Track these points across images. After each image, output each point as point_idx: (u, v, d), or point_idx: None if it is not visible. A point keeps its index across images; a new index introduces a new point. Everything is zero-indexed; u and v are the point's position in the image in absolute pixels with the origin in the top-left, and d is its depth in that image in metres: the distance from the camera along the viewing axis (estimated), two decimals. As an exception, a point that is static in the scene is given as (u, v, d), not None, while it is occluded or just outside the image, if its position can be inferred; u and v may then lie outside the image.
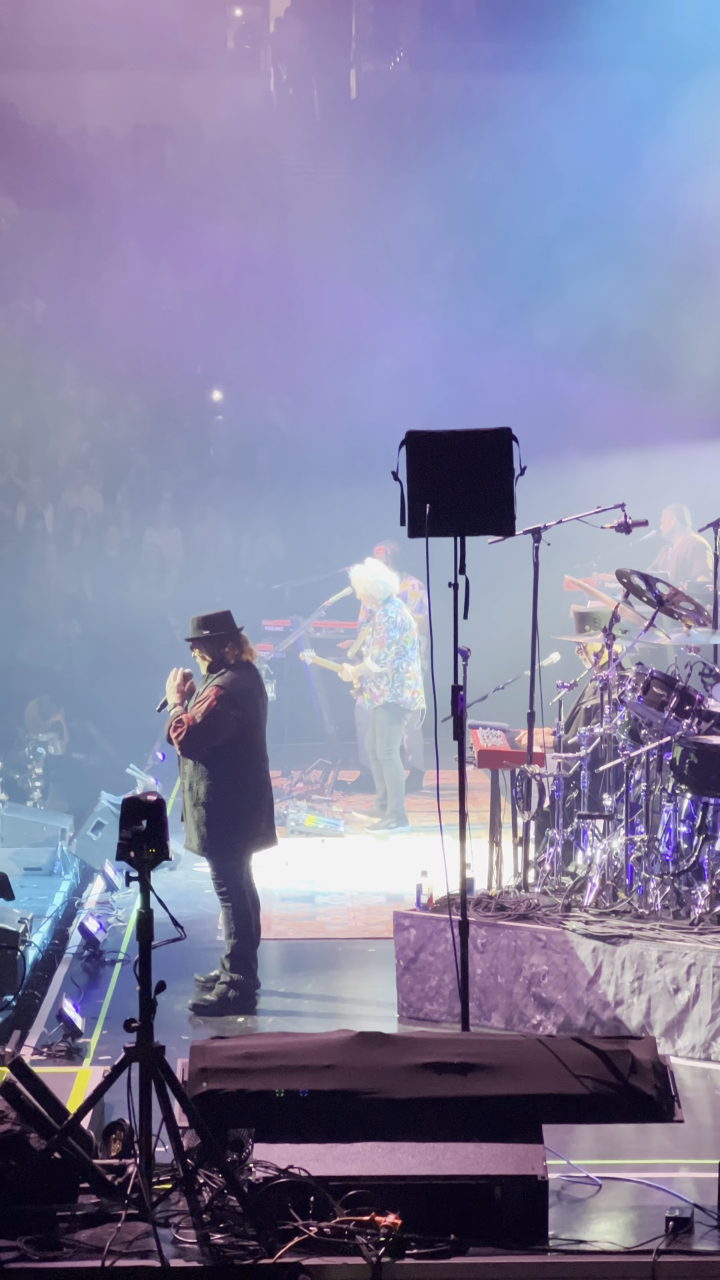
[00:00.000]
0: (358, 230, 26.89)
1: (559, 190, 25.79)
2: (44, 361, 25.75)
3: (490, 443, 9.96)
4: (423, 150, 27.88)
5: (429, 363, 24.29)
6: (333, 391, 24.72)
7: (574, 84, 26.77)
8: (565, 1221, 7.99)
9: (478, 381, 23.12)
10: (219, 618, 12.26)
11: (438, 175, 26.96)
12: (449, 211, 26.38)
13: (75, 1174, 7.99)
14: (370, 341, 25.09)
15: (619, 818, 11.96)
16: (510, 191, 26.18)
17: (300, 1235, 7.59)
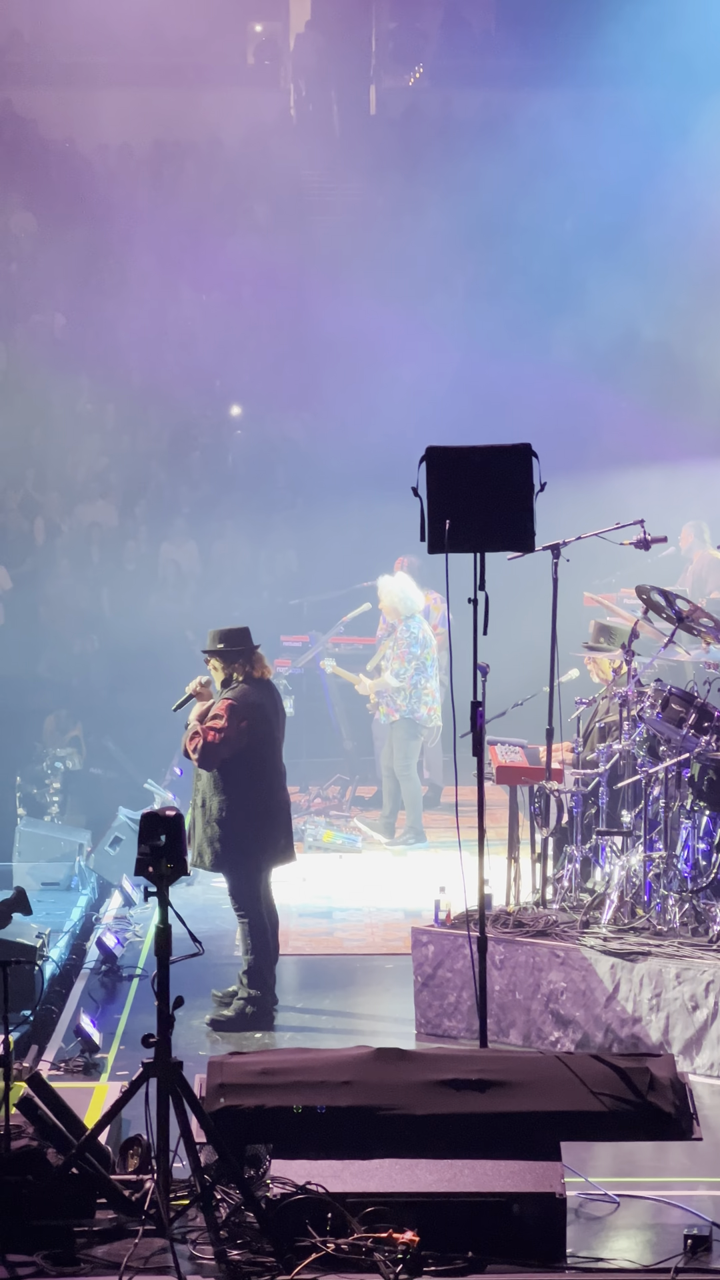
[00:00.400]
0: (376, 245, 26.91)
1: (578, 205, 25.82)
2: (62, 376, 25.78)
3: (510, 459, 9.96)
4: (442, 165, 27.89)
5: (447, 378, 24.29)
6: (351, 407, 24.73)
7: (593, 99, 26.79)
8: (583, 1239, 7.97)
9: (497, 397, 23.11)
10: (236, 633, 12.27)
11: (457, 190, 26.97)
12: (468, 226, 26.38)
13: (93, 1189, 7.99)
14: (389, 356, 25.09)
15: (637, 834, 11.93)
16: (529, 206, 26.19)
17: (318, 1252, 7.59)
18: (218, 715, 11.97)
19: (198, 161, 29.02)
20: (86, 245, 26.92)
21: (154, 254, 26.89)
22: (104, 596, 23.32)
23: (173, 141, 29.19)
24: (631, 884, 11.82)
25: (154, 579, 23.63)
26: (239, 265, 26.95)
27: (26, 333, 26.41)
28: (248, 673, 12.19)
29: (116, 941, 13.55)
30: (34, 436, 24.93)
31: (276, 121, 30.30)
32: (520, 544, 10.11)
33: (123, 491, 24.84)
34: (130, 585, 23.37)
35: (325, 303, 25.83)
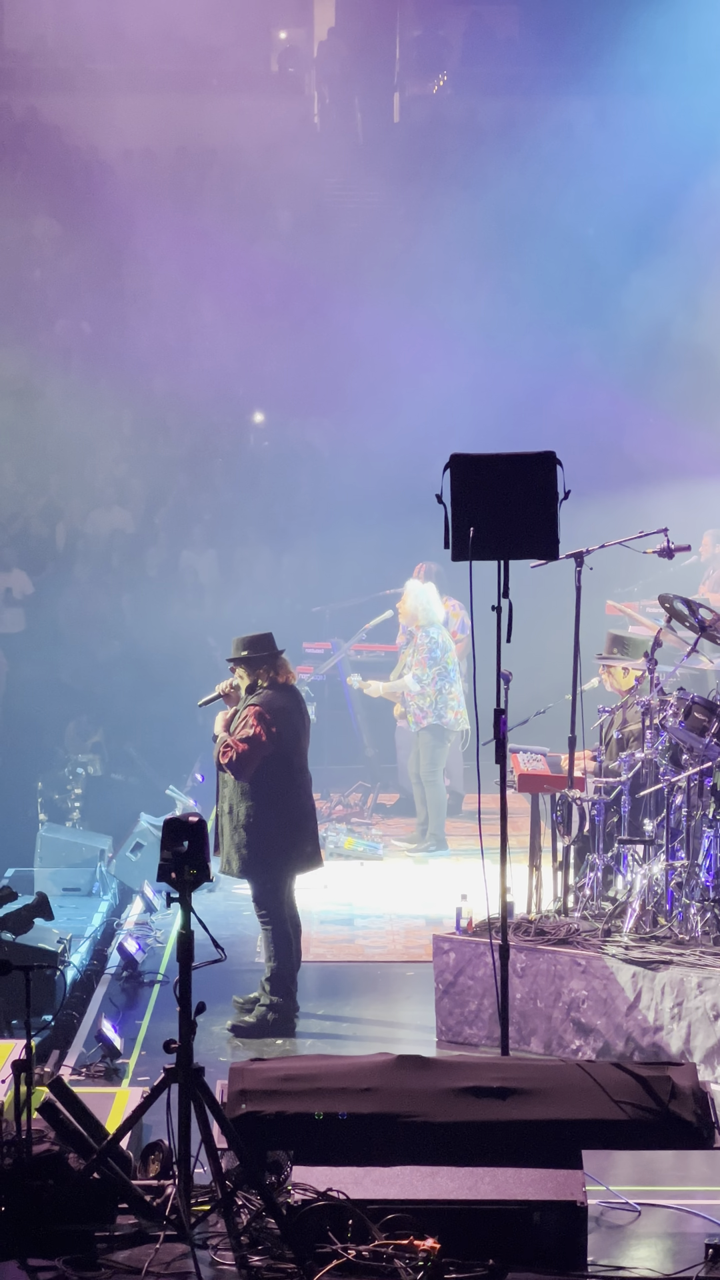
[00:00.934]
0: (399, 252, 26.92)
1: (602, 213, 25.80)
2: (84, 382, 25.82)
3: (534, 466, 9.96)
4: (465, 172, 27.89)
5: (470, 385, 24.28)
6: (373, 413, 24.73)
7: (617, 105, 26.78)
8: (604, 1247, 7.96)
9: (520, 404, 23.10)
10: (260, 639, 12.30)
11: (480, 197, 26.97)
12: (490, 233, 26.38)
13: (114, 1194, 7.99)
14: (411, 363, 25.09)
15: (659, 843, 11.92)
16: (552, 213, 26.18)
17: (338, 1258, 7.58)
18: (247, 724, 11.98)
19: (220, 168, 29.05)
20: (109, 252, 26.95)
21: (176, 260, 26.92)
22: (125, 603, 23.34)
23: (196, 148, 29.21)
24: (653, 893, 11.81)
25: (175, 586, 23.65)
26: (261, 272, 26.97)
27: (50, 339, 26.44)
28: (272, 678, 12.21)
29: (138, 947, 13.56)
30: (56, 442, 24.95)
31: (299, 128, 30.32)
32: (544, 552, 10.11)
33: (144, 498, 24.86)
34: (151, 592, 23.39)
35: (347, 309, 25.84)
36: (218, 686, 12.53)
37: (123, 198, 27.77)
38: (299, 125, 30.36)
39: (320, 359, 26.14)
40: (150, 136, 29.02)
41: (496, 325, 25.15)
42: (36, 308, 26.82)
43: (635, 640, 13.91)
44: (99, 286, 26.91)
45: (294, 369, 26.07)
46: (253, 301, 26.86)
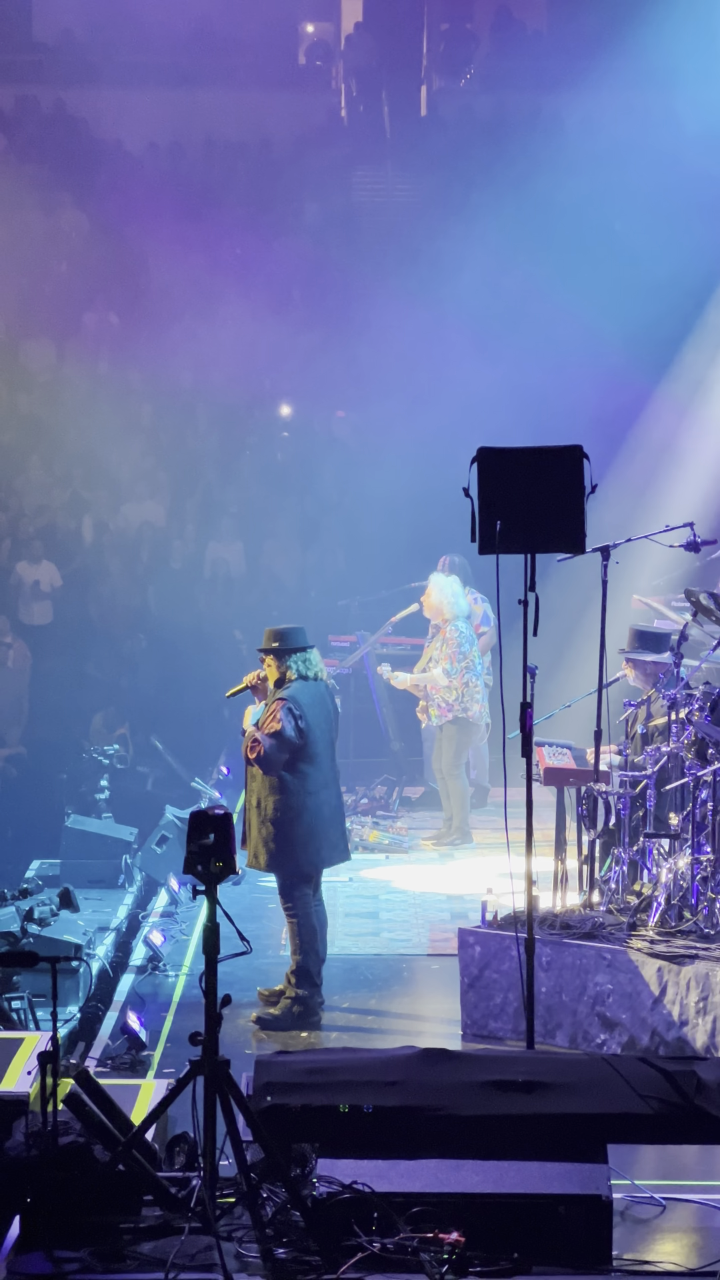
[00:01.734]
0: (426, 246, 26.89)
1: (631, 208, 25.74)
2: (111, 374, 25.85)
3: (561, 460, 9.97)
4: (492, 167, 27.86)
5: (497, 379, 24.26)
6: (400, 407, 24.72)
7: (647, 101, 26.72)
8: (629, 1242, 7.94)
9: (547, 398, 23.08)
10: (292, 632, 12.31)
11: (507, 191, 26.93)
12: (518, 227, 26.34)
13: (139, 1186, 8.00)
14: (438, 357, 25.08)
15: (685, 837, 11.90)
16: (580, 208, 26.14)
17: (363, 1251, 7.58)
18: (274, 718, 12.00)
19: (248, 162, 29.06)
20: (136, 245, 26.96)
21: (203, 254, 26.94)
22: (151, 596, 23.36)
23: (223, 141, 29.23)
24: (679, 887, 11.79)
25: (201, 578, 23.67)
26: (288, 265, 26.98)
27: (76, 331, 26.48)
28: (301, 673, 12.22)
29: (163, 939, 13.59)
30: (82, 435, 24.99)
31: (326, 122, 30.32)
32: (571, 545, 10.12)
33: (171, 491, 24.88)
34: (177, 584, 23.41)
35: (373, 303, 25.83)
36: (245, 678, 12.57)
37: (149, 191, 27.79)
38: (326, 119, 30.37)
39: (346, 352, 26.14)
40: (177, 130, 29.07)
41: (523, 318, 25.12)
42: (63, 300, 26.85)
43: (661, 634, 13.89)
44: (126, 279, 26.94)
45: (321, 362, 26.07)
46: (279, 295, 26.87)
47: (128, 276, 26.97)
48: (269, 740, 11.98)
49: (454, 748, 17.26)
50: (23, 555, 23.21)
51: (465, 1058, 8.99)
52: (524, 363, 24.19)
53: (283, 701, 12.05)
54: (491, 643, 17.75)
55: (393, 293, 25.59)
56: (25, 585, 22.93)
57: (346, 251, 27.34)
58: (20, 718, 21.34)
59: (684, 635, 12.92)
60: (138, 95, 29.09)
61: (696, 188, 24.68)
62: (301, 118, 29.64)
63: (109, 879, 15.95)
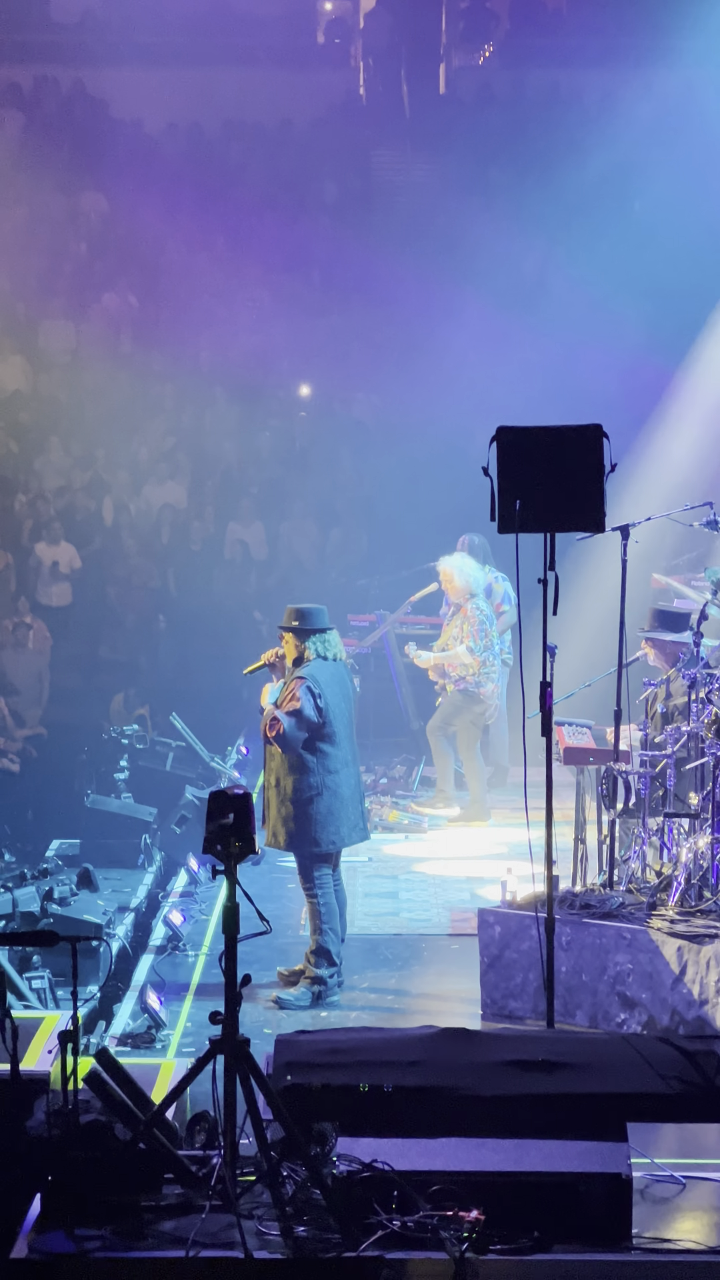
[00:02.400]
0: (445, 225, 26.86)
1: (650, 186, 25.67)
2: (131, 356, 25.85)
3: (581, 439, 9.97)
4: (512, 145, 27.82)
5: (517, 358, 24.23)
6: (419, 387, 24.70)
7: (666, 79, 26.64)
8: (649, 1220, 7.95)
9: (567, 377, 23.05)
10: (313, 612, 12.31)
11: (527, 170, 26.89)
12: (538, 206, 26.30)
13: (160, 1165, 8.02)
14: (458, 336, 25.05)
15: (705, 816, 11.89)
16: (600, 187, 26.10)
17: (383, 1229, 7.59)
18: (293, 697, 12.00)
19: (267, 141, 29.03)
20: (156, 225, 26.95)
21: (223, 234, 26.94)
22: (170, 576, 23.37)
23: (242, 121, 29.20)
24: (699, 866, 11.78)
25: (220, 559, 23.68)
26: (307, 245, 26.95)
27: (97, 312, 26.48)
28: (319, 652, 12.22)
29: (183, 919, 13.60)
30: (102, 416, 25.00)
31: (346, 101, 30.26)
32: (590, 524, 10.11)
33: (190, 472, 24.88)
34: (197, 565, 23.42)
35: (394, 283, 25.81)
36: (263, 656, 12.58)
37: (169, 171, 27.78)
38: (345, 98, 30.30)
39: (365, 332, 26.12)
40: (196, 109, 29.04)
41: (543, 297, 25.09)
42: (83, 281, 26.86)
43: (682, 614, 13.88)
44: (145, 260, 26.93)
45: (341, 342, 26.05)
46: (298, 275, 26.86)
47: (147, 257, 26.96)
48: (288, 719, 11.99)
49: (450, 712, 17.27)
50: (42, 536, 23.23)
51: (485, 1037, 9.01)
52: (543, 342, 24.16)
53: (301, 680, 12.05)
54: (512, 621, 17.75)
55: (412, 272, 25.56)
56: (45, 567, 22.95)
57: (365, 231, 27.30)
58: (40, 698, 21.36)
59: (704, 614, 12.91)
60: (156, 75, 29.06)
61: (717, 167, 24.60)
62: (320, 97, 29.59)
63: (128, 859, 15.98)
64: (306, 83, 29.52)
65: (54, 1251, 7.56)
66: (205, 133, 29.08)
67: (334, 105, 29.75)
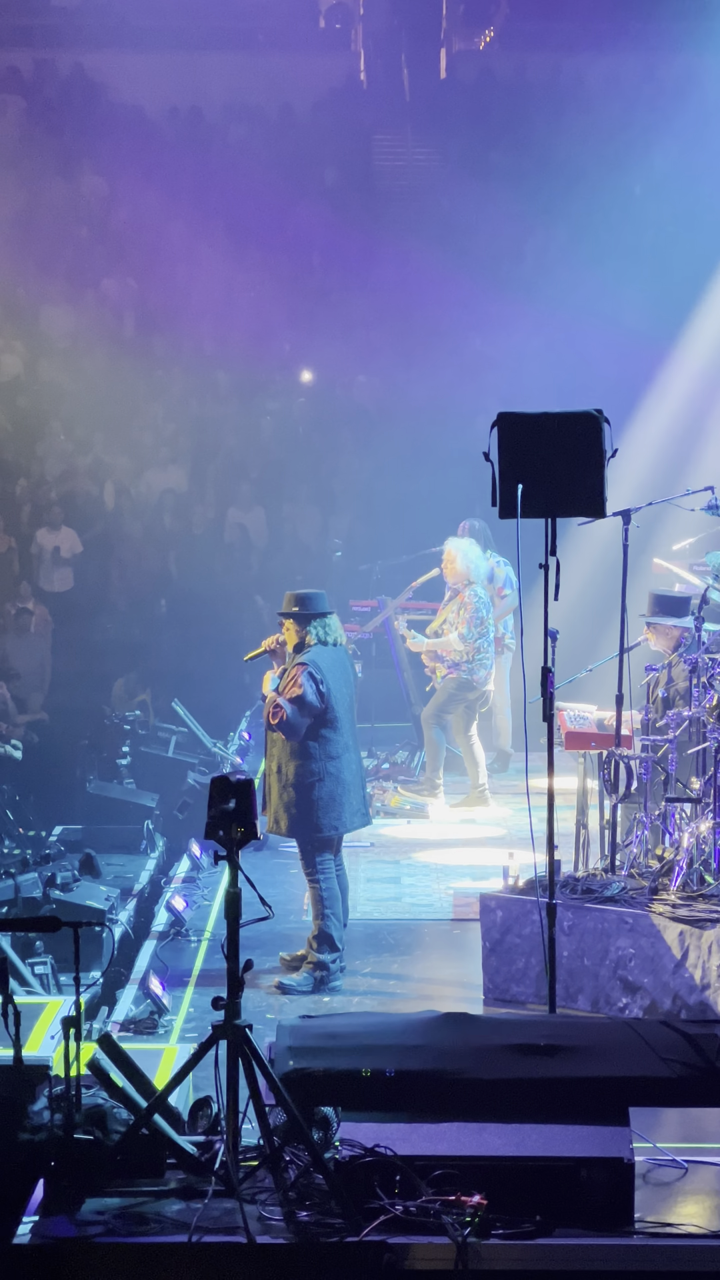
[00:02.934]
0: (446, 210, 26.84)
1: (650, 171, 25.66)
2: (132, 340, 25.83)
3: (582, 424, 9.96)
4: (512, 129, 27.79)
5: (517, 344, 24.22)
6: (420, 372, 24.70)
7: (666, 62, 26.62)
8: (651, 1204, 7.96)
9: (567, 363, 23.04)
10: (313, 597, 12.29)
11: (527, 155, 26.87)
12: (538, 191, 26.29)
13: (162, 1150, 8.03)
14: (458, 321, 25.04)
15: (707, 801, 11.90)
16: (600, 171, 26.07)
17: (386, 1214, 7.59)
18: (295, 683, 11.99)
19: (267, 125, 29.01)
20: (156, 210, 26.92)
21: (223, 218, 26.91)
22: (172, 561, 23.37)
23: (242, 105, 29.17)
24: (700, 851, 11.79)
25: (221, 544, 23.67)
26: (308, 229, 26.93)
27: (97, 297, 26.46)
28: (320, 638, 12.21)
29: (185, 904, 13.61)
30: (103, 401, 24.98)
31: (346, 85, 30.23)
32: (591, 509, 10.10)
33: (191, 456, 24.87)
34: (199, 550, 23.42)
35: (394, 267, 25.80)
36: (264, 642, 12.57)
37: (169, 155, 27.76)
38: (345, 82, 30.27)
39: (368, 317, 26.10)
40: (196, 93, 29.01)
41: (543, 282, 25.07)
42: (85, 265, 26.84)
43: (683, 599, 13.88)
44: (145, 244, 26.90)
45: (341, 327, 26.04)
46: (299, 259, 26.83)
47: (147, 242, 26.94)
48: (290, 705, 11.98)
49: (445, 701, 17.26)
50: (43, 522, 23.23)
51: (487, 1021, 9.02)
52: (544, 326, 24.15)
53: (303, 666, 12.04)
54: (513, 606, 17.76)
55: (412, 256, 25.55)
56: (46, 552, 22.95)
57: (366, 215, 27.29)
58: (42, 684, 21.38)
59: (705, 599, 12.91)
60: (157, 59, 29.04)
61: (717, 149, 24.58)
62: (321, 81, 29.56)
63: (131, 844, 16.00)
64: (307, 67, 29.49)
65: (57, 1236, 7.57)
66: (205, 117, 29.05)
67: (334, 89, 29.73)
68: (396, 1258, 7.44)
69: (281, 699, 12.02)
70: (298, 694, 11.98)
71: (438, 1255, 7.48)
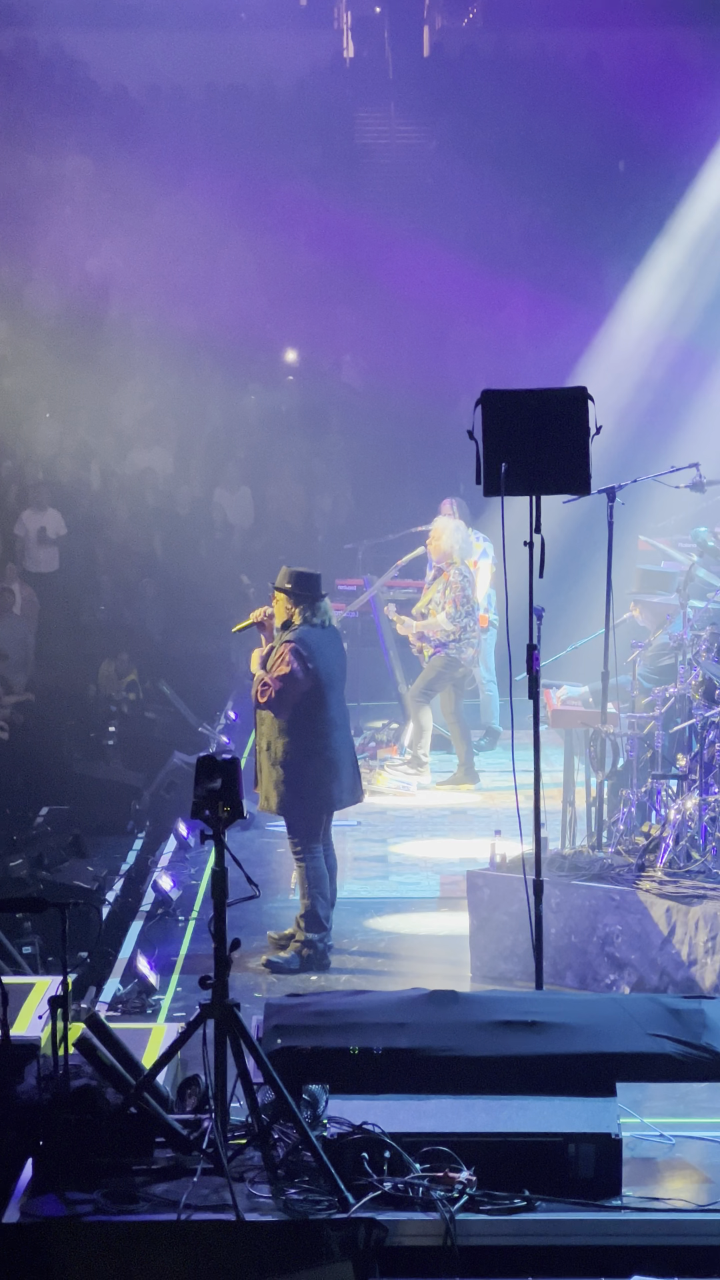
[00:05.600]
0: (430, 189, 26.83)
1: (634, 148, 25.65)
2: (116, 320, 25.79)
3: (566, 402, 9.95)
4: (496, 107, 27.76)
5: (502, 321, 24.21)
6: (406, 351, 24.69)
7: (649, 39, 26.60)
8: (638, 1179, 7.98)
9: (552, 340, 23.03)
10: (309, 577, 12.26)
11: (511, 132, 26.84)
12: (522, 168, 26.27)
13: (151, 1128, 8.05)
14: (443, 300, 25.02)
15: (693, 778, 11.91)
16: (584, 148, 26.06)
17: (374, 1190, 7.62)
18: (283, 660, 11.97)
19: (250, 104, 28.95)
20: (139, 189, 26.87)
21: (207, 197, 26.86)
22: (158, 541, 23.35)
23: (225, 84, 29.11)
24: (687, 827, 11.80)
25: (207, 524, 23.66)
26: (292, 208, 26.90)
27: (80, 276, 26.41)
28: (307, 617, 12.19)
29: (172, 884, 13.61)
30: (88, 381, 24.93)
31: (329, 64, 30.19)
32: (576, 487, 10.10)
33: (177, 437, 24.85)
34: (184, 530, 23.40)
35: (379, 246, 25.77)
36: (252, 615, 12.52)
37: (152, 134, 27.71)
38: (329, 61, 30.22)
39: (353, 296, 26.08)
40: (179, 72, 28.95)
41: (528, 260, 25.06)
42: (68, 245, 26.77)
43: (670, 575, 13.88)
44: (129, 224, 26.85)
45: (327, 306, 26.01)
46: (283, 238, 26.79)
47: (130, 221, 26.88)
48: (278, 682, 11.97)
49: (432, 678, 17.26)
50: (29, 503, 23.19)
51: (474, 999, 9.03)
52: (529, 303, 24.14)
53: (291, 644, 12.03)
54: (495, 571, 17.76)
55: (397, 235, 25.52)
56: (31, 533, 22.92)
57: (350, 194, 27.25)
58: (28, 665, 21.35)
59: (690, 576, 12.92)
60: (139, 38, 28.97)
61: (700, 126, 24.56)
62: (304, 60, 29.52)
63: (118, 824, 15.99)
64: (289, 45, 29.44)
65: (46, 1215, 7.58)
66: (188, 95, 28.98)
67: (317, 68, 29.67)
68: (385, 1234, 7.46)
69: (269, 676, 12.02)
70: (285, 672, 11.96)
71: (427, 1231, 7.50)
